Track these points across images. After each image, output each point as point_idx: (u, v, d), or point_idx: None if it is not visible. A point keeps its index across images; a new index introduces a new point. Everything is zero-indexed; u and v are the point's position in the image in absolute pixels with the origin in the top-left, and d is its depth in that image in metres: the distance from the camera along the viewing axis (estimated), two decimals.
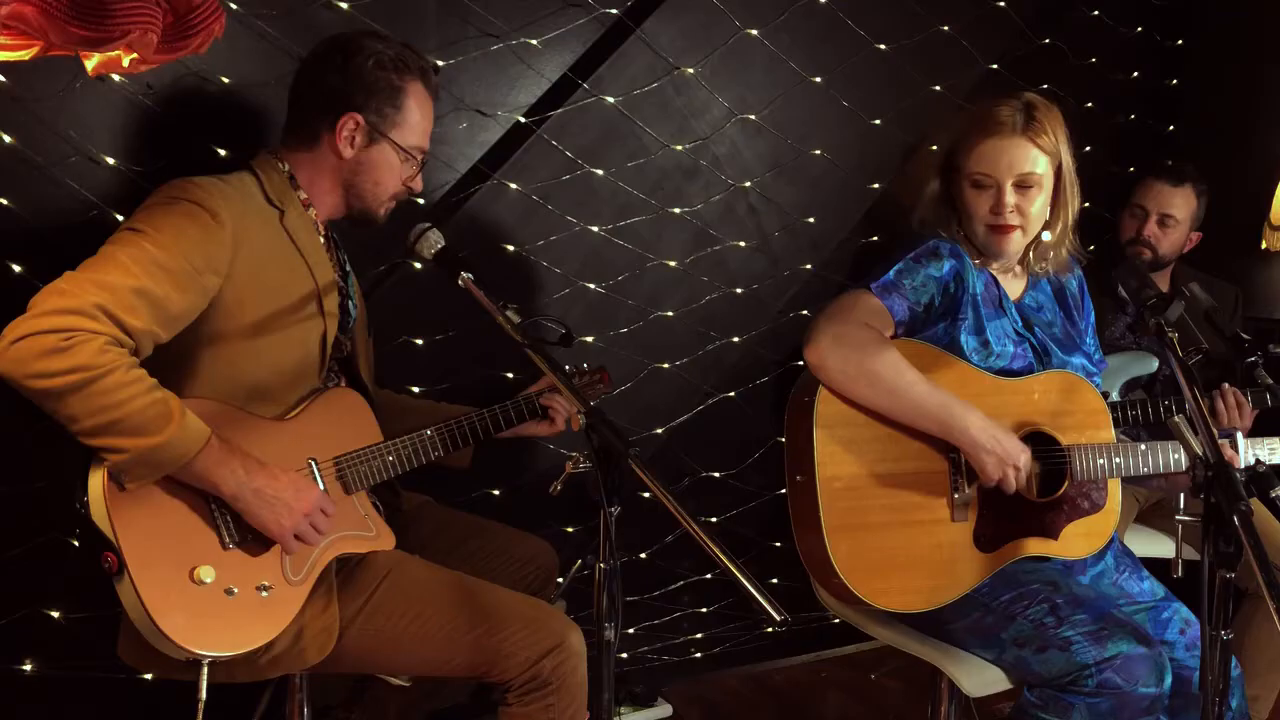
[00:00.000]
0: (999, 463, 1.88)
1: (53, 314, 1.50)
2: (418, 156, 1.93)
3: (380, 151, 1.88)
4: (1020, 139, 1.93)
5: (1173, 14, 3.51)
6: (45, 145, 1.99)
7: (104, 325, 1.52)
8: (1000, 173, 1.95)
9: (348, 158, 1.86)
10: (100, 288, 1.54)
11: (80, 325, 1.50)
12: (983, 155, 1.96)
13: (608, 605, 1.43)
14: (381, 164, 1.89)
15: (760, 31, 2.71)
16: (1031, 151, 1.94)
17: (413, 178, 1.94)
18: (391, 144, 1.87)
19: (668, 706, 2.79)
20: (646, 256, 2.69)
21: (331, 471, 1.82)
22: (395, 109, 1.86)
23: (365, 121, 1.84)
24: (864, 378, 1.88)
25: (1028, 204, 1.97)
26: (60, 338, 1.48)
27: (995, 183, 1.96)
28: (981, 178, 1.97)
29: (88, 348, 1.50)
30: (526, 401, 2.10)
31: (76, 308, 1.51)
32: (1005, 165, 1.94)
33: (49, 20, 1.52)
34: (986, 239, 2.01)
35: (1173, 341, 1.69)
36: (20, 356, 1.48)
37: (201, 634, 1.59)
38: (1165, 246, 2.86)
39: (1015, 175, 1.95)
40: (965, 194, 2.01)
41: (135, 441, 1.53)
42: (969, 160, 1.99)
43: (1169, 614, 1.96)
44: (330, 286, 1.86)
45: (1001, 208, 1.96)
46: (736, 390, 2.91)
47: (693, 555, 2.89)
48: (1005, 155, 1.94)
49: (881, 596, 1.89)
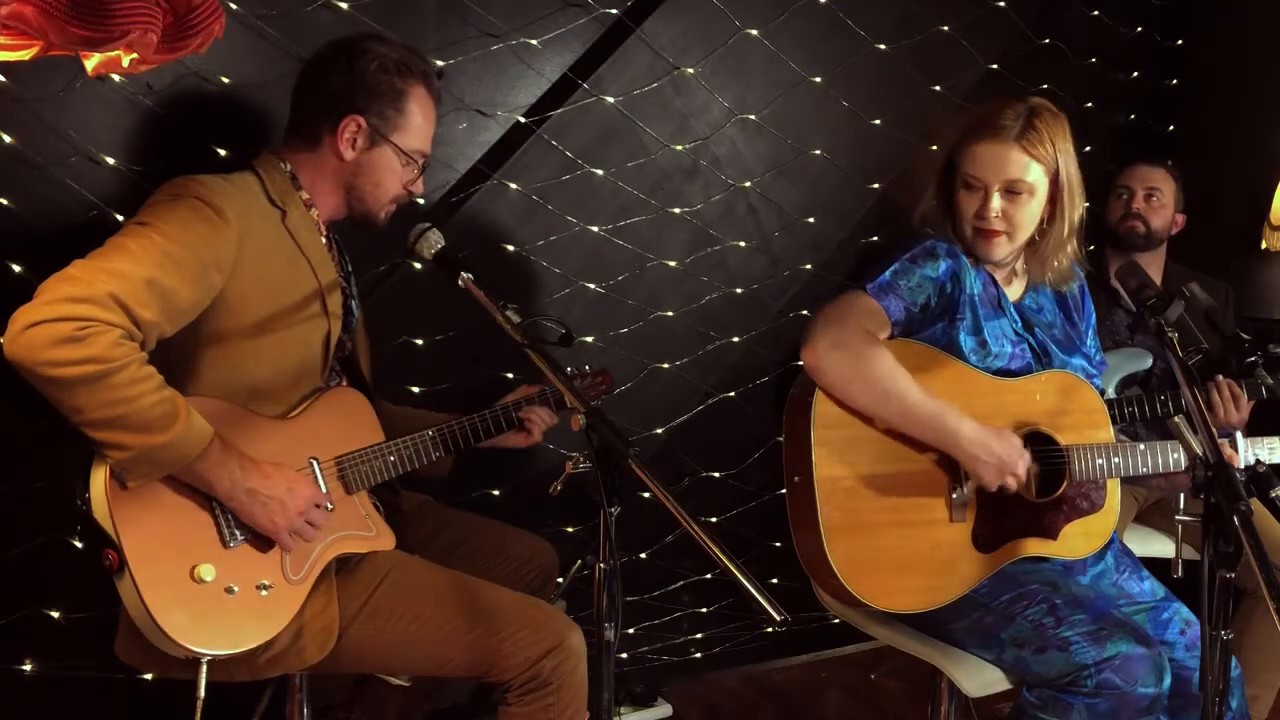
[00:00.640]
0: (997, 471, 1.88)
1: (66, 301, 1.48)
2: (419, 160, 1.92)
3: (381, 154, 1.87)
4: (1013, 145, 1.93)
5: (1173, 14, 3.51)
6: (45, 145, 1.99)
7: (118, 316, 1.51)
8: (989, 177, 1.95)
9: (349, 160, 1.86)
10: (112, 276, 1.53)
11: (95, 315, 1.49)
12: (975, 157, 1.96)
13: (608, 605, 1.43)
14: (382, 166, 1.88)
15: (760, 31, 2.71)
16: (1023, 159, 1.93)
17: (413, 181, 1.94)
18: (393, 147, 1.87)
19: (668, 706, 2.79)
20: (646, 256, 2.69)
21: (333, 471, 1.82)
22: (397, 112, 1.86)
23: (367, 124, 1.84)
24: (859, 382, 1.88)
25: (1015, 210, 1.96)
26: (75, 326, 1.47)
27: (984, 185, 1.96)
28: (972, 179, 1.98)
29: (103, 339, 1.49)
30: (504, 411, 2.07)
31: (90, 296, 1.50)
32: (994, 169, 1.94)
33: (49, 20, 1.52)
34: (973, 240, 2.01)
35: (1173, 341, 1.68)
36: (32, 343, 1.46)
37: (201, 632, 1.60)
38: (1157, 221, 2.91)
39: (1003, 181, 1.94)
40: (957, 193, 2.01)
41: (140, 439, 1.53)
42: (963, 160, 1.99)
43: (1169, 614, 1.96)
44: (333, 286, 1.86)
45: (986, 211, 1.96)
46: (736, 390, 2.91)
47: (693, 555, 2.89)
48: (996, 159, 1.94)
49: (880, 597, 1.89)
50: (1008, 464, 1.88)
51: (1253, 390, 2.48)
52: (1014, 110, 1.95)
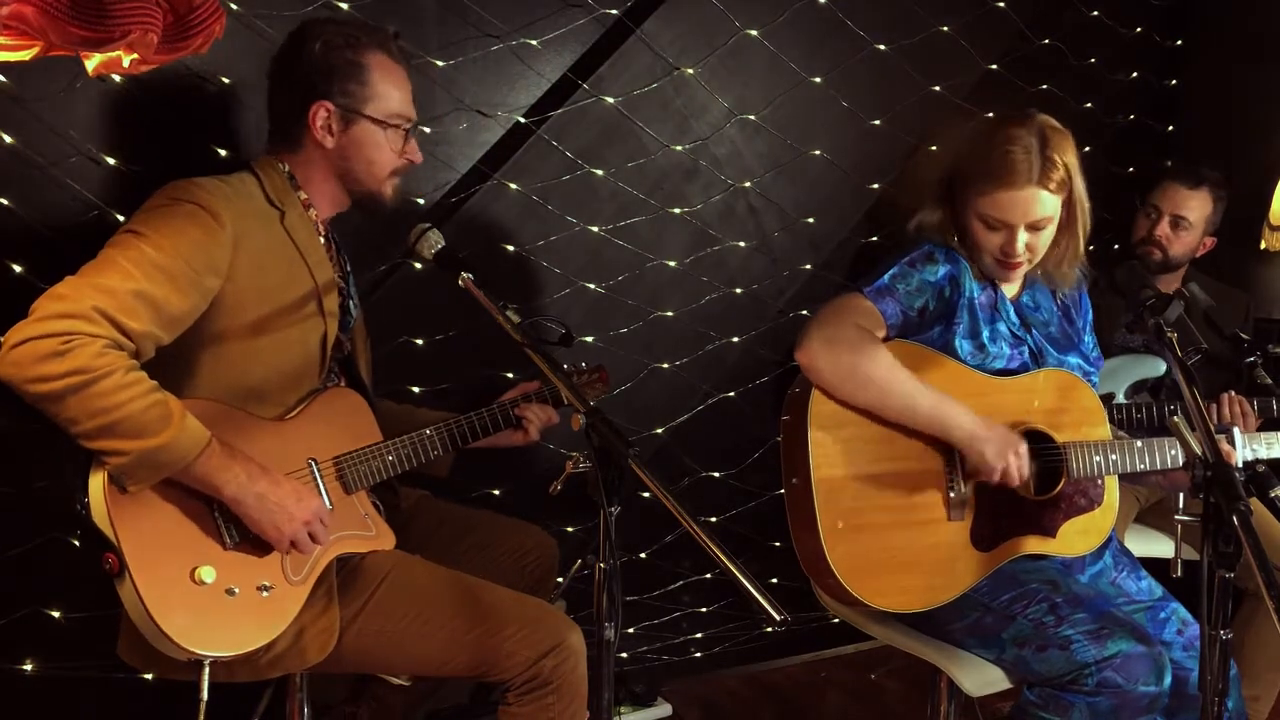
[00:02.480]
0: (998, 450, 1.87)
1: (51, 318, 1.51)
2: (402, 125, 1.87)
3: (362, 131, 1.84)
4: (1035, 188, 1.89)
5: (1173, 14, 3.51)
6: (45, 145, 1.99)
7: (102, 328, 1.53)
8: (1014, 219, 1.92)
9: (330, 147, 1.84)
10: (98, 291, 1.54)
11: (78, 329, 1.51)
12: (996, 203, 1.92)
13: (608, 605, 1.43)
14: (367, 143, 1.85)
15: (760, 31, 2.71)
16: (1046, 196, 1.91)
17: (406, 147, 1.89)
18: (370, 120, 1.84)
19: (667, 706, 2.79)
20: (646, 256, 2.69)
21: (332, 471, 1.82)
22: (360, 84, 1.82)
23: (335, 105, 1.82)
24: (855, 378, 1.88)
25: (1037, 241, 1.96)
26: (59, 341, 1.49)
27: (1007, 226, 1.94)
28: (994, 221, 1.94)
29: (86, 350, 1.50)
30: (501, 409, 2.07)
31: (74, 311, 1.51)
32: (1019, 213, 1.91)
33: (49, 20, 1.52)
34: (994, 269, 2.00)
35: (1171, 341, 1.69)
36: (19, 360, 1.49)
37: (202, 634, 1.59)
38: (1176, 249, 2.81)
39: (1028, 222, 1.93)
40: (974, 227, 1.98)
41: (135, 444, 1.53)
42: (981, 202, 1.94)
43: (1166, 614, 1.96)
44: (330, 286, 1.86)
45: (1013, 250, 1.94)
46: (736, 390, 2.92)
47: (693, 555, 2.90)
48: (1018, 205, 1.91)
49: (879, 596, 1.89)
50: (1010, 441, 1.88)
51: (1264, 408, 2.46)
52: (1022, 144, 1.89)
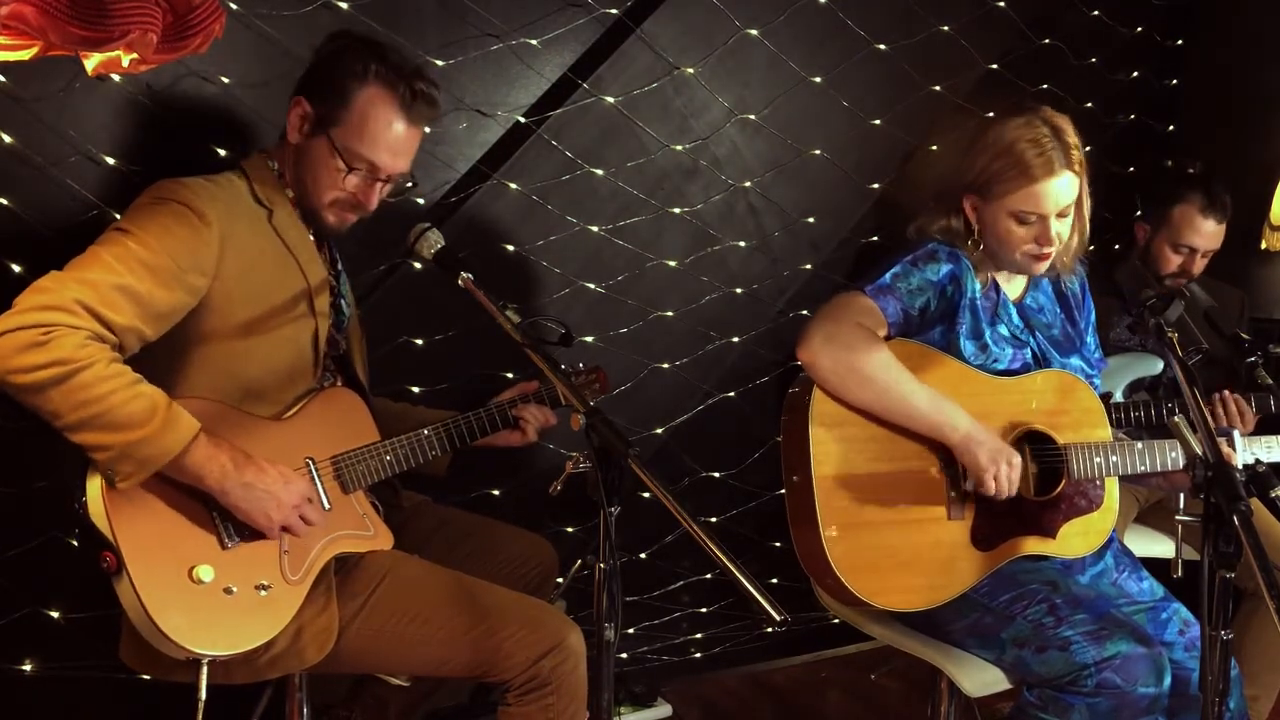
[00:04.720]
0: (991, 455, 1.87)
1: (32, 310, 1.51)
2: (359, 167, 1.80)
3: (319, 145, 1.80)
4: (1064, 172, 1.91)
5: (1173, 14, 3.51)
6: (45, 145, 1.99)
7: (83, 320, 1.53)
8: (1047, 209, 1.92)
9: (294, 143, 1.83)
10: (80, 284, 1.55)
11: (59, 320, 1.51)
12: (1030, 197, 1.92)
13: (608, 605, 1.43)
14: (317, 159, 1.81)
15: (760, 31, 2.71)
16: (1073, 178, 1.92)
17: (358, 188, 1.82)
18: (328, 140, 1.79)
19: (667, 706, 2.79)
20: (646, 256, 2.69)
21: (329, 471, 1.82)
22: (343, 107, 1.78)
23: (312, 108, 1.80)
24: (854, 376, 1.87)
25: (1065, 227, 1.97)
26: (39, 332, 1.49)
27: (1042, 218, 1.94)
28: (1027, 215, 1.94)
29: (67, 341, 1.50)
30: (499, 409, 2.06)
31: (55, 303, 1.52)
32: (1053, 202, 1.92)
33: (49, 20, 1.52)
34: (1024, 263, 1.99)
35: (1172, 341, 1.69)
36: (1, 353, 1.49)
37: (201, 633, 1.59)
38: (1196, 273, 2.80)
39: (1060, 208, 1.93)
40: (1001, 226, 1.96)
41: (118, 436, 1.53)
42: (1012, 200, 1.93)
43: (1168, 614, 1.96)
44: (321, 285, 1.86)
45: (1047, 240, 1.94)
46: (736, 390, 2.92)
47: (693, 555, 2.90)
48: (1053, 195, 1.91)
49: (879, 595, 1.89)
50: (1004, 451, 1.88)
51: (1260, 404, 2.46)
52: (1041, 137, 1.91)
